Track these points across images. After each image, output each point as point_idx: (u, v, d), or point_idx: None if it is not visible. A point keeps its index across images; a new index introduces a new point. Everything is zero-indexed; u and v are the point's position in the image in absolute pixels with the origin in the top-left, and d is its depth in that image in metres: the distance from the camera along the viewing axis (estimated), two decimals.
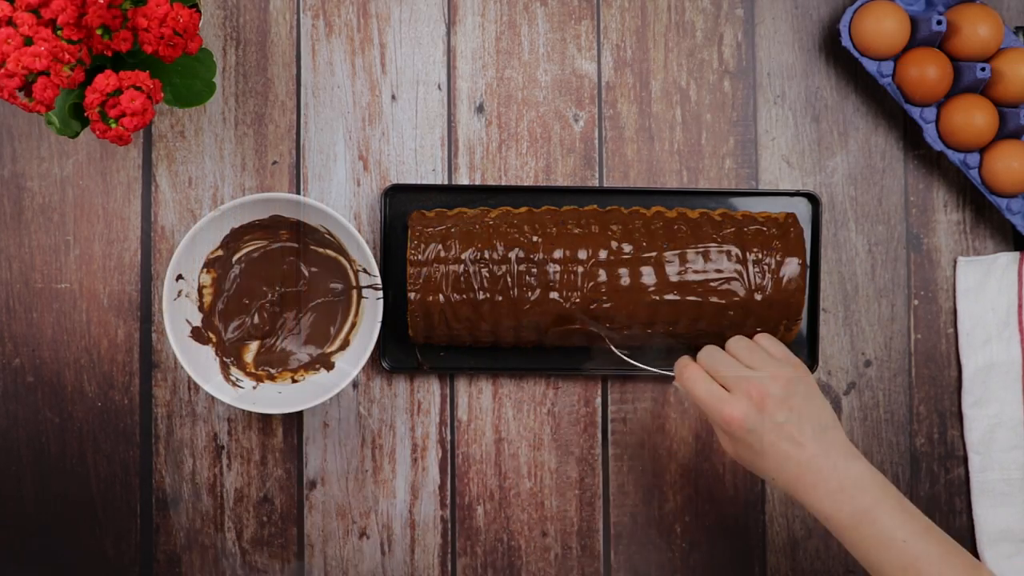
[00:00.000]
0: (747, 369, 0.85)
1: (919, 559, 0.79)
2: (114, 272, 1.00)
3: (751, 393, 0.83)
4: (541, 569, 1.00)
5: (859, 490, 0.81)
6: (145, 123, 0.81)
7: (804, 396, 0.84)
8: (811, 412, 0.83)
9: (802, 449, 0.82)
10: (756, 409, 0.82)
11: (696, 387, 0.85)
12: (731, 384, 0.84)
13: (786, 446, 0.82)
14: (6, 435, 0.99)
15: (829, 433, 0.83)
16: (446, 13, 1.01)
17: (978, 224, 1.01)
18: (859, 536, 0.80)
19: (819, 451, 0.82)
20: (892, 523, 0.80)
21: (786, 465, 0.82)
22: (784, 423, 0.82)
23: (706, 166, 1.01)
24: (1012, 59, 0.97)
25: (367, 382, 1.00)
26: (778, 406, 0.82)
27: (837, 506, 0.81)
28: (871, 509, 0.80)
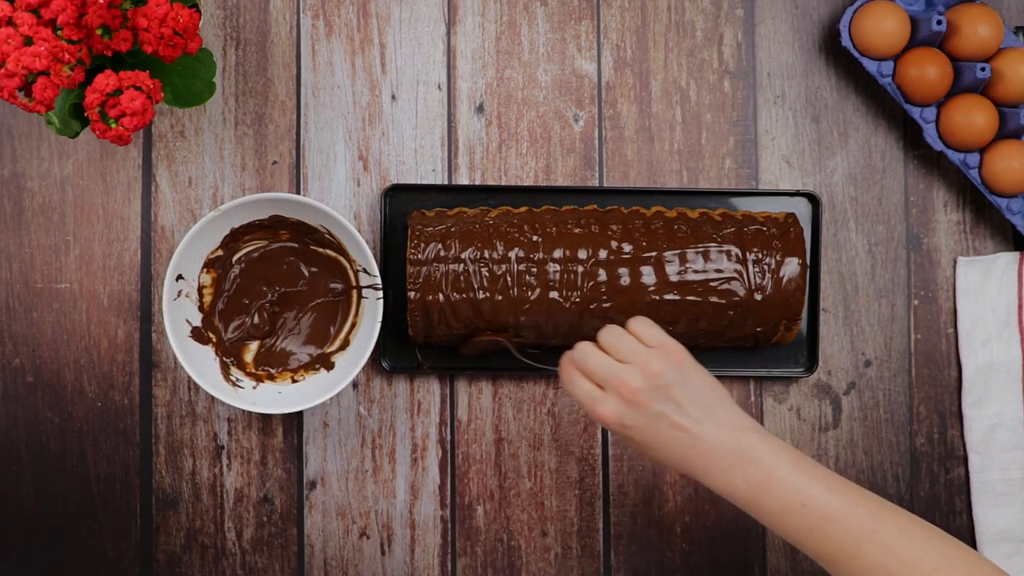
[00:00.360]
0: (615, 364, 0.82)
1: (822, 519, 0.77)
2: (114, 272, 1.00)
3: (620, 390, 0.80)
4: (541, 569, 1.00)
5: (750, 464, 0.79)
6: (145, 123, 0.81)
7: (680, 381, 0.81)
8: (690, 395, 0.81)
9: (686, 433, 0.80)
10: (628, 405, 0.80)
11: (573, 389, 0.84)
12: (603, 382, 0.82)
13: (669, 433, 0.80)
14: (6, 435, 0.99)
15: (716, 411, 0.81)
16: (446, 13, 1.02)
17: (978, 224, 1.01)
18: (760, 509, 0.79)
19: (705, 432, 0.80)
20: (788, 489, 0.78)
21: (674, 451, 0.80)
22: (661, 412, 0.80)
23: (706, 166, 1.01)
24: (1012, 59, 0.97)
25: (367, 382, 1.00)
26: (651, 397, 0.80)
27: (732, 484, 0.79)
28: (766, 480, 0.79)
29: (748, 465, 0.79)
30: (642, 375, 0.80)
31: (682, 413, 0.80)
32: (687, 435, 0.80)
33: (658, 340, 0.83)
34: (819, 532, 0.77)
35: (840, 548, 0.77)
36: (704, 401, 0.81)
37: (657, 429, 0.80)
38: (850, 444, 1.00)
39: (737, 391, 1.00)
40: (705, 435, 0.80)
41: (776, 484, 0.78)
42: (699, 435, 0.80)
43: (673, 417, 0.80)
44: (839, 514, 0.77)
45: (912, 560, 0.76)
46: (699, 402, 0.81)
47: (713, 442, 0.80)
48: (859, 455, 1.00)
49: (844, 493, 0.79)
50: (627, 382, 0.80)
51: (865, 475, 1.00)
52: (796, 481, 0.78)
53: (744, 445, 0.80)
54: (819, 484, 0.78)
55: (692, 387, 0.81)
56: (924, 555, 0.76)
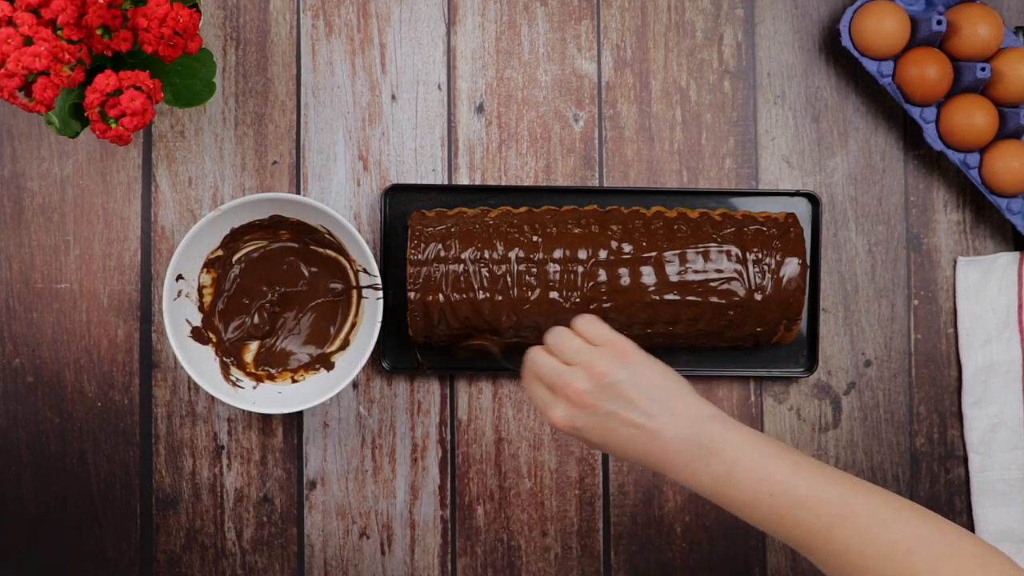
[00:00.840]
0: (560, 367, 0.80)
1: (791, 507, 0.74)
2: (114, 272, 1.00)
3: (567, 393, 0.79)
4: (541, 569, 1.00)
5: (712, 455, 0.76)
6: (145, 123, 0.81)
7: (628, 377, 0.78)
8: (642, 390, 0.78)
9: (641, 430, 0.77)
10: (577, 408, 0.79)
11: (531, 395, 0.82)
12: (551, 387, 0.80)
13: (624, 432, 0.78)
14: (6, 435, 0.99)
15: (672, 403, 0.78)
16: (446, 13, 1.01)
17: (978, 224, 1.01)
18: (727, 501, 0.76)
19: (661, 426, 0.77)
20: (753, 479, 0.75)
21: (634, 448, 0.78)
22: (612, 412, 0.78)
23: (706, 166, 1.01)
24: (1012, 59, 0.97)
25: (367, 382, 1.00)
26: (599, 398, 0.78)
27: (695, 477, 0.76)
28: (730, 471, 0.76)
29: (710, 457, 0.76)
30: (587, 376, 0.78)
31: (634, 409, 0.77)
32: (642, 431, 0.77)
33: (604, 338, 0.81)
34: (789, 520, 0.74)
35: (812, 535, 0.74)
36: (657, 395, 0.78)
37: (611, 428, 0.78)
38: (850, 444, 1.00)
39: (737, 391, 1.00)
40: (661, 429, 0.77)
41: (740, 474, 0.75)
42: (655, 430, 0.77)
43: (625, 414, 0.77)
44: (807, 500, 0.74)
45: (885, 542, 0.72)
46: (652, 396, 0.78)
47: (670, 435, 0.77)
48: (859, 455, 1.00)
49: (812, 477, 0.75)
50: (572, 384, 0.78)
51: (865, 475, 1.00)
52: (761, 469, 0.75)
53: (704, 436, 0.76)
54: (785, 470, 0.75)
55: (643, 382, 0.78)
56: (898, 536, 0.72)
